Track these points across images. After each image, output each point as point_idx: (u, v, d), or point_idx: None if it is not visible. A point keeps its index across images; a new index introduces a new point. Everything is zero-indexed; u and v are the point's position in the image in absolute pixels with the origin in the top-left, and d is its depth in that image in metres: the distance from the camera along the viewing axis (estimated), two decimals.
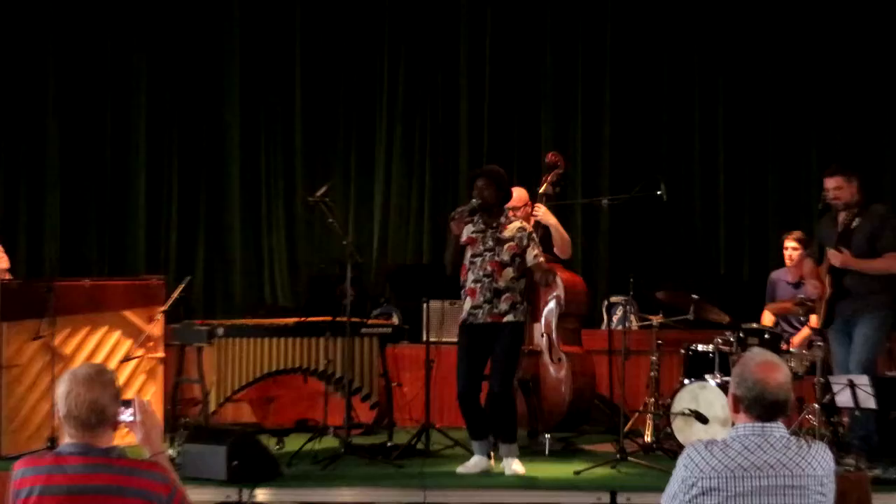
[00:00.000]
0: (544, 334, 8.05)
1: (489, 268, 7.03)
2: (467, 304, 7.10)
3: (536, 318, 7.98)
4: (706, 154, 10.45)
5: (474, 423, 7.09)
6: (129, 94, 10.63)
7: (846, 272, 7.17)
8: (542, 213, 7.94)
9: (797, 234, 8.49)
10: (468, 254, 7.13)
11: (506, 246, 7.05)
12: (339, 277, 7.93)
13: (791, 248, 8.38)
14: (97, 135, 10.63)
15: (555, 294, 8.06)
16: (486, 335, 7.03)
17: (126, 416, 3.69)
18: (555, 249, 7.99)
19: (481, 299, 7.03)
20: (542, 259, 7.14)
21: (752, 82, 10.37)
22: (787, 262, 8.42)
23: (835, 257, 7.14)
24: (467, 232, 7.14)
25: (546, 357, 8.05)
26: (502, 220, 7.14)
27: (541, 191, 8.07)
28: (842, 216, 7.20)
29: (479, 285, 7.04)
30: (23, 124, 10.56)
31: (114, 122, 10.63)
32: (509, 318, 7.01)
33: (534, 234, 7.20)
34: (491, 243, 7.07)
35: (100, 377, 3.56)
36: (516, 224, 7.14)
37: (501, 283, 7.01)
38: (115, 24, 10.61)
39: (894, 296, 7.24)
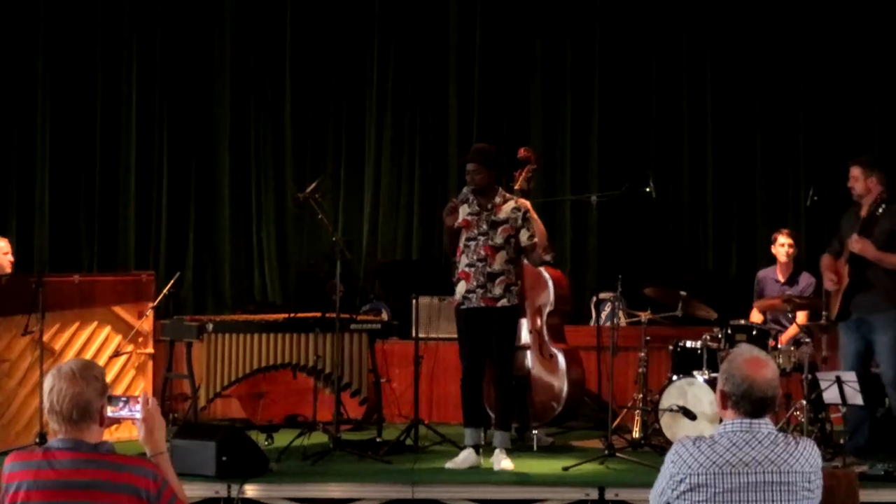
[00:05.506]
0: (533, 331, 8.06)
1: (482, 252, 7.03)
2: (461, 287, 7.10)
3: (522, 314, 7.95)
4: (694, 151, 10.45)
5: (471, 409, 7.11)
6: (119, 89, 10.60)
7: (867, 264, 7.13)
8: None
9: (788, 230, 8.47)
10: (463, 236, 7.12)
11: (500, 229, 7.04)
12: (328, 273, 7.93)
13: (788, 244, 8.32)
14: (87, 131, 10.61)
15: (546, 292, 8.05)
16: (482, 318, 7.04)
17: (125, 412, 3.69)
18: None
19: (475, 284, 7.04)
20: (536, 240, 7.11)
21: (740, 80, 10.36)
22: (784, 257, 8.36)
23: (855, 243, 7.09)
24: (463, 213, 7.10)
25: (536, 354, 8.05)
26: (497, 200, 7.11)
27: (516, 187, 8.01)
28: (865, 209, 7.18)
29: (472, 269, 7.05)
30: (12, 119, 10.53)
31: (103, 118, 10.61)
32: (503, 302, 7.02)
33: (528, 214, 7.15)
34: (485, 227, 7.05)
35: (85, 372, 3.55)
36: (511, 204, 7.11)
37: (496, 267, 7.01)
38: (105, 19, 10.58)
39: None
